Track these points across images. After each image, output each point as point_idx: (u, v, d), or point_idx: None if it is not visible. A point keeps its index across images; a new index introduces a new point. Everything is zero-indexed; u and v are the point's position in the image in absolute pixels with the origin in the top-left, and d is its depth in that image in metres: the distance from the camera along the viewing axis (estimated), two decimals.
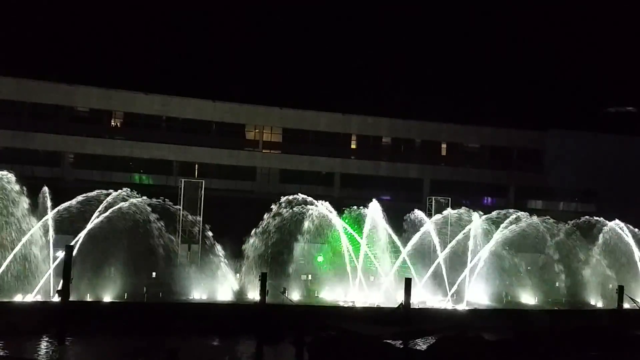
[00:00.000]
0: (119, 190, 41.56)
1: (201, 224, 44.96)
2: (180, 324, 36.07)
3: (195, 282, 42.69)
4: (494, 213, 47.22)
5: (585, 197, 71.64)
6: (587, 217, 51.82)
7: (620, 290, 44.96)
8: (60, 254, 39.00)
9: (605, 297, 48.89)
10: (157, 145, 63.66)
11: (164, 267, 42.26)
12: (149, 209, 40.93)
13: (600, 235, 51.02)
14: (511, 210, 47.40)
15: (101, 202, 40.72)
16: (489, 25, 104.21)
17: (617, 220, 51.17)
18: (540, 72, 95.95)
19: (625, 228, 50.91)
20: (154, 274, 42.32)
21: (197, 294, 42.27)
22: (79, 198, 40.67)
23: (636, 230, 51.22)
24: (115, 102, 63.85)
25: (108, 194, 41.03)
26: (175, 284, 42.26)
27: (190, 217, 44.89)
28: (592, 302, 49.67)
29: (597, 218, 51.57)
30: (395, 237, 45.30)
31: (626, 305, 45.44)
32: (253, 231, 44.07)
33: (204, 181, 47.62)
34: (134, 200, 40.94)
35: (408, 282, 41.37)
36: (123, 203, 40.72)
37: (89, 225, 40.09)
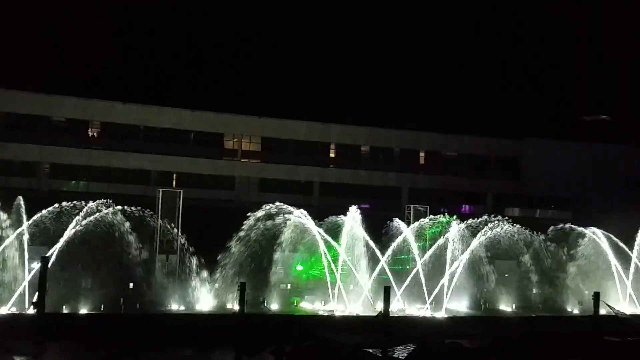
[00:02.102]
0: (95, 202, 41.15)
1: (179, 234, 44.65)
2: (158, 335, 35.75)
3: (173, 292, 42.34)
4: (471, 221, 47.47)
5: (562, 204, 72.44)
6: (563, 224, 52.32)
7: (597, 296, 45.42)
8: (36, 266, 38.48)
9: (582, 304, 49.34)
10: (134, 155, 63.27)
11: (141, 277, 41.83)
12: (124, 220, 40.52)
13: (577, 243, 51.51)
14: (488, 218, 47.70)
15: (77, 212, 40.27)
16: (466, 36, 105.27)
17: (593, 228, 51.69)
18: (517, 81, 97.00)
19: (601, 235, 51.44)
20: (131, 284, 41.86)
21: (175, 305, 41.93)
22: (54, 208, 40.17)
23: (612, 237, 51.75)
24: (92, 111, 63.41)
25: (83, 205, 40.58)
26: (153, 294, 41.87)
27: (168, 227, 44.55)
28: (569, 309, 50.09)
29: (573, 225, 52.07)
30: (373, 245, 45.33)
31: (602, 312, 45.91)
32: (232, 241, 43.81)
33: (182, 191, 47.31)
34: (110, 210, 40.54)
35: (387, 291, 41.46)
36: (99, 213, 40.30)
37: (65, 237, 39.60)
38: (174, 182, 63.02)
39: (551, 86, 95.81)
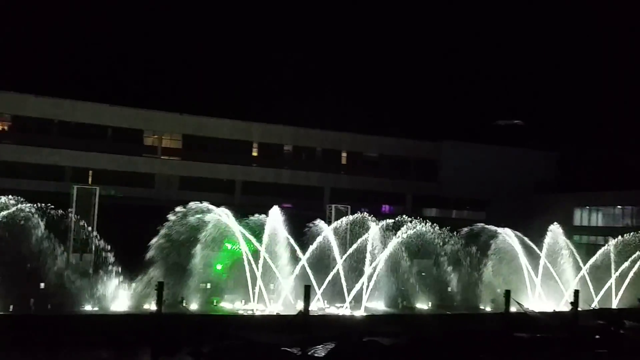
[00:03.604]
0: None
1: (94, 232, 43.28)
2: (71, 337, 34.54)
3: (87, 292, 41.00)
4: (391, 220, 48.33)
5: (476, 205, 75.02)
6: (477, 224, 54.08)
7: (507, 294, 47.15)
8: None
9: (494, 302, 51.14)
10: (48, 150, 60.84)
11: (53, 277, 40.26)
12: (34, 217, 38.91)
13: (490, 242, 53.33)
14: (407, 218, 48.69)
15: None
16: (387, 39, 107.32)
17: (505, 228, 53.66)
18: (436, 86, 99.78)
19: (512, 235, 53.47)
20: (42, 284, 40.21)
21: (89, 305, 40.62)
22: None
23: (522, 236, 53.89)
24: (2, 104, 60.50)
25: None
26: (65, 294, 40.38)
27: (83, 225, 43.08)
28: (482, 306, 51.84)
29: (486, 225, 53.88)
30: (294, 244, 45.44)
31: (513, 309, 47.76)
32: (150, 239, 42.83)
33: (98, 188, 45.85)
34: (20, 207, 38.86)
35: (307, 289, 41.65)
36: (8, 210, 38.55)
37: None
38: (89, 179, 61.02)
39: (469, 91, 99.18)
